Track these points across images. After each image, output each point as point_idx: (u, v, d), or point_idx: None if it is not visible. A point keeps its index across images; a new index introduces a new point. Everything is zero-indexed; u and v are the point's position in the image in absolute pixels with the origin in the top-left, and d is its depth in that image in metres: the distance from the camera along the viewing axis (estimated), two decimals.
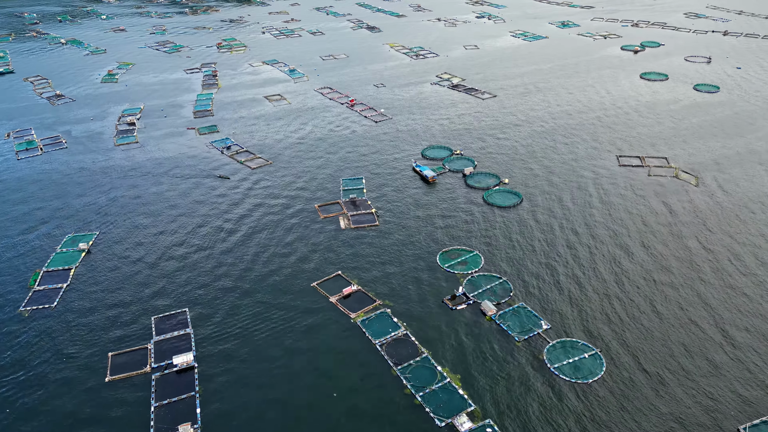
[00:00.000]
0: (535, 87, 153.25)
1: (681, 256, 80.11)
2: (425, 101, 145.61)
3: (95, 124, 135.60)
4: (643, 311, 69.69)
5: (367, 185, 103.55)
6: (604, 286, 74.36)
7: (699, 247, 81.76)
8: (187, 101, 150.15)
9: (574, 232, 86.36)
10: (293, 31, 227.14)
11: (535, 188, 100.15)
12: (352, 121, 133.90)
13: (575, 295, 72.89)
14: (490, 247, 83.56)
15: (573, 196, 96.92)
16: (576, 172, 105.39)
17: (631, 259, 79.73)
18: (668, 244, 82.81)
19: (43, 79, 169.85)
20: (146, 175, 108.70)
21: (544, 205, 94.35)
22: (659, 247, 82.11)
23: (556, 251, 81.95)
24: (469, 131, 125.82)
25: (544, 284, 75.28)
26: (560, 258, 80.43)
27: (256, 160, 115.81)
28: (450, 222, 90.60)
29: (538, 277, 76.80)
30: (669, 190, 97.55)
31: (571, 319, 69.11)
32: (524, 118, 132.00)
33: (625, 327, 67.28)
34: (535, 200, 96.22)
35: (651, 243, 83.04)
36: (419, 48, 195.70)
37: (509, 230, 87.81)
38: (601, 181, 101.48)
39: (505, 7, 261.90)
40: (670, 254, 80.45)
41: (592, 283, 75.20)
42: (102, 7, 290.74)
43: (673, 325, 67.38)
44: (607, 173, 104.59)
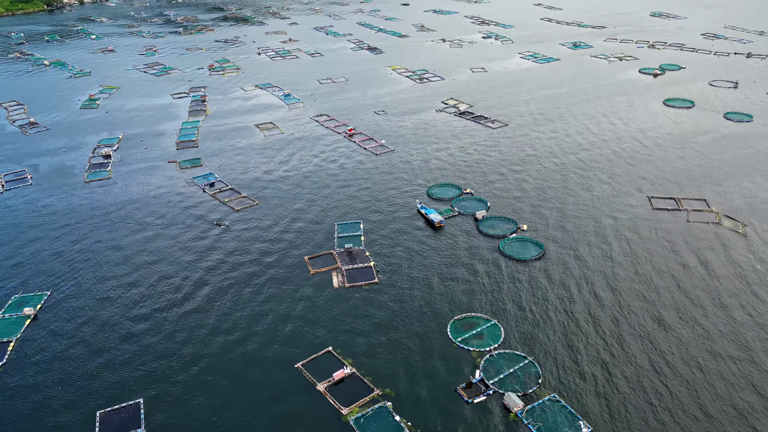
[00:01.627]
0: (549, 115, 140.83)
1: (732, 332, 66.59)
2: (430, 130, 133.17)
3: (67, 156, 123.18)
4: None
5: (366, 231, 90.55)
6: (664, 375, 60.78)
7: (750, 321, 68.25)
8: (170, 130, 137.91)
9: (617, 293, 72.90)
10: (290, 52, 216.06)
11: (558, 235, 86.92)
12: (350, 154, 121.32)
13: (622, 386, 59.22)
14: (511, 315, 70.13)
15: (607, 246, 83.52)
16: (605, 214, 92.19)
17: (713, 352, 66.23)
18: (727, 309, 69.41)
19: (19, 105, 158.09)
20: (114, 219, 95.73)
21: (573, 258, 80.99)
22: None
23: (596, 320, 68.50)
24: (479, 166, 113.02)
25: (582, 368, 61.71)
26: (603, 330, 66.94)
27: (242, 199, 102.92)
28: (461, 279, 77.24)
29: (574, 357, 63.23)
30: (713, 242, 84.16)
31: (619, 417, 55.43)
32: (540, 151, 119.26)
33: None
34: (560, 251, 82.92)
35: (720, 306, 69.65)
36: (423, 71, 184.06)
37: (533, 291, 74.40)
38: (639, 227, 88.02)
39: (513, 27, 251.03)
40: (720, 328, 66.98)
41: (651, 367, 61.65)
42: (93, 26, 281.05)
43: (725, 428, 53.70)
44: (642, 217, 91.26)
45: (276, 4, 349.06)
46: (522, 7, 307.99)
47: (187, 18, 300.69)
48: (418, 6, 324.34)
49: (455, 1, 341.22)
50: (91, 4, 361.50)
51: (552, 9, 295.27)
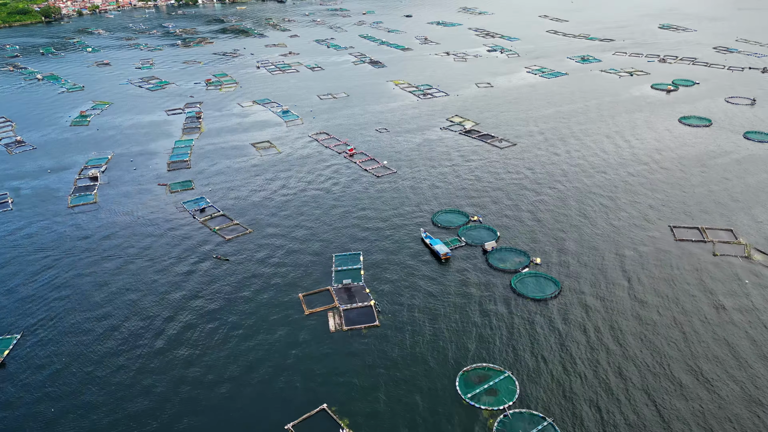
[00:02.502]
0: (559, 133, 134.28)
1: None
2: (435, 150, 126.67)
3: (52, 178, 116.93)
4: None
5: (366, 264, 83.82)
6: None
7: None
8: (162, 149, 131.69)
9: (644, 340, 65.81)
10: (290, 66, 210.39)
11: (575, 270, 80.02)
12: (351, 176, 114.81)
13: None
14: (527, 365, 63.14)
15: (629, 283, 76.50)
16: (625, 246, 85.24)
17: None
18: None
19: (7, 122, 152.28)
20: (96, 250, 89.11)
21: (592, 297, 74.00)
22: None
23: (622, 373, 61.38)
24: (487, 189, 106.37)
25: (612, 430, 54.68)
26: (630, 385, 59.77)
27: (234, 227, 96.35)
28: (470, 322, 70.32)
29: (599, 418, 56.12)
30: (744, 280, 77.07)
31: None
32: (551, 173, 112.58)
33: None
34: (578, 289, 75.97)
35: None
36: (426, 86, 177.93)
37: (551, 337, 67.44)
38: (662, 261, 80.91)
39: (518, 39, 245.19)
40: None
41: (687, 429, 54.58)
42: (90, 39, 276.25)
43: None
44: (664, 250, 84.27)
45: (276, 16, 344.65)
46: (527, 19, 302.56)
47: (186, 30, 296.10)
48: (422, 18, 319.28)
49: (459, 12, 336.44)
50: (90, 16, 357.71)
51: (558, 21, 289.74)
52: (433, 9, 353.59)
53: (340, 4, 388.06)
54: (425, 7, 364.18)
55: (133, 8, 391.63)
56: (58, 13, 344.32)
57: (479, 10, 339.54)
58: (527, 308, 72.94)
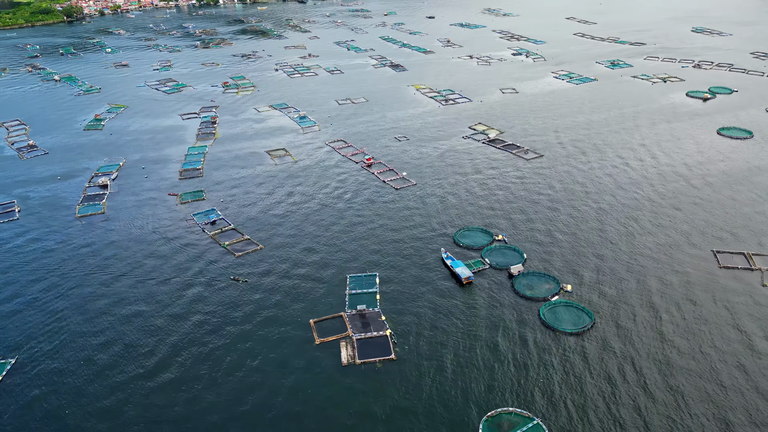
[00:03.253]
0: (589, 144, 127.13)
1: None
2: (456, 161, 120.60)
3: (61, 185, 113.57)
4: None
5: (382, 286, 78.34)
6: None
7: None
8: (175, 156, 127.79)
9: (690, 389, 59.20)
10: (309, 69, 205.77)
11: (609, 300, 73.50)
12: (368, 188, 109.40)
13: None
14: (559, 412, 56.98)
15: (670, 315, 69.71)
16: (665, 271, 78.31)
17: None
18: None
19: (21, 125, 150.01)
20: (99, 265, 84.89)
21: (629, 332, 67.39)
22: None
23: (668, 422, 54.93)
24: (512, 206, 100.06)
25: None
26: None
27: (244, 242, 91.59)
28: (495, 358, 64.34)
29: None
30: None
31: None
32: (581, 189, 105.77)
33: None
34: (614, 321, 69.48)
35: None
36: (449, 91, 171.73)
37: (584, 378, 61.15)
38: (706, 291, 73.91)
39: (544, 42, 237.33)
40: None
41: None
42: (110, 39, 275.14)
43: None
44: (708, 278, 77.19)
45: (297, 17, 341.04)
46: (553, 21, 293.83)
47: (206, 31, 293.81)
48: (444, 19, 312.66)
49: (483, 14, 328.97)
50: (111, 16, 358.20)
51: (585, 23, 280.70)
52: (456, 10, 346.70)
53: (361, 5, 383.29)
54: (448, 8, 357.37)
55: (155, 8, 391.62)
56: (80, 13, 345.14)
57: (503, 12, 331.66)
58: (558, 343, 66.72)
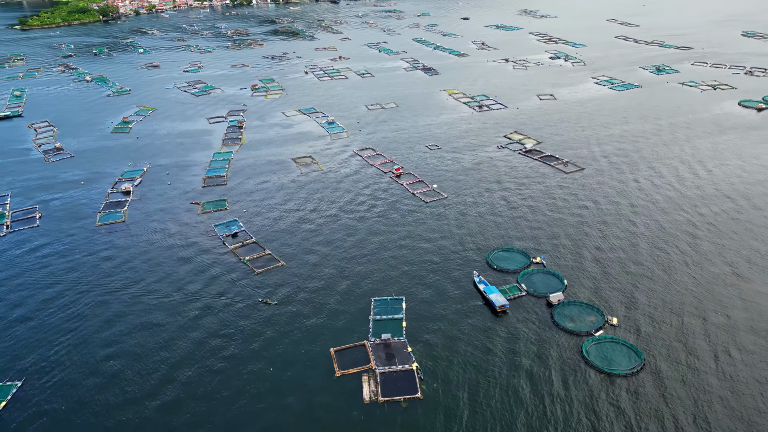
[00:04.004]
0: (631, 158, 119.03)
1: None
2: (490, 172, 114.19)
3: (84, 191, 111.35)
4: None
5: (409, 312, 72.89)
6: None
7: None
8: (200, 162, 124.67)
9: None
10: (339, 72, 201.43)
11: (661, 336, 66.36)
12: (396, 200, 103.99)
13: None
14: None
15: (730, 357, 62.51)
16: (720, 306, 70.69)
17: None
18: None
19: (49, 127, 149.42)
20: (115, 280, 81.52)
21: (685, 377, 60.27)
22: None
23: None
24: (551, 224, 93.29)
25: None
26: None
27: (265, 258, 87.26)
28: (531, 399, 58.20)
29: None
30: None
31: None
32: (626, 206, 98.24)
33: None
34: (667, 361, 62.46)
35: None
36: (483, 97, 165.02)
37: (634, 431, 54.60)
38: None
39: (584, 46, 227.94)
40: None
41: None
42: (144, 39, 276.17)
43: None
44: (759, 314, 69.68)
45: (329, 17, 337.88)
46: (593, 23, 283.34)
47: (238, 31, 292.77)
48: (479, 20, 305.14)
49: (519, 15, 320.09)
50: (147, 15, 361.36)
51: (628, 26, 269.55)
52: (491, 11, 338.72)
53: (394, 6, 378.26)
54: (483, 9, 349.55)
55: (189, 8, 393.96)
56: (116, 12, 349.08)
57: (541, 13, 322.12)
58: (604, 386, 60.10)
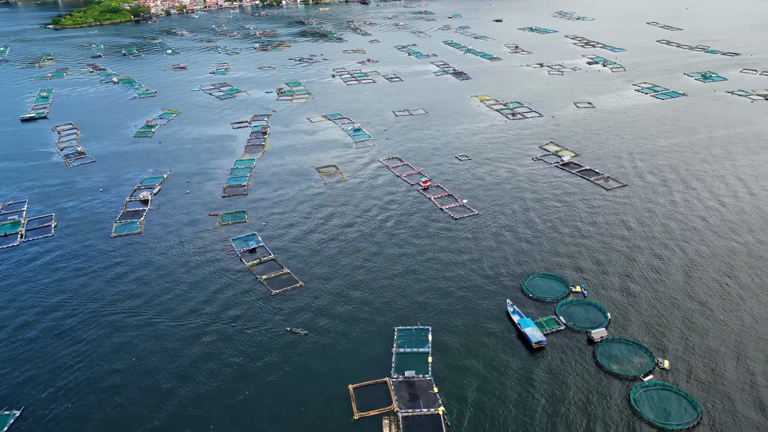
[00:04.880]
0: (678, 174, 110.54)
1: None
2: (526, 187, 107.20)
3: (102, 199, 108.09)
4: None
5: (435, 344, 66.93)
6: None
7: None
8: (222, 169, 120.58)
9: None
10: (367, 75, 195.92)
11: (720, 384, 59.01)
12: (424, 217, 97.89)
13: None
14: None
15: None
16: None
17: None
18: None
19: (73, 129, 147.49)
20: (124, 295, 77.54)
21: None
22: None
23: None
24: (592, 247, 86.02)
25: None
26: None
27: (283, 277, 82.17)
28: None
29: None
30: None
31: None
32: (676, 229, 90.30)
33: None
34: (728, 415, 55.15)
35: None
36: (516, 104, 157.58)
37: None
38: None
39: (624, 50, 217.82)
40: None
41: None
42: (172, 40, 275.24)
43: None
44: None
45: (358, 18, 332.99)
46: (633, 26, 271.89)
47: (266, 32, 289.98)
48: (512, 23, 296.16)
49: (554, 18, 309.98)
50: (177, 15, 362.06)
51: (669, 29, 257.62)
52: (525, 13, 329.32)
53: (425, 7, 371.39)
54: (516, 11, 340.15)
55: (219, 8, 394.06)
56: (147, 12, 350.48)
57: (577, 16, 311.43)
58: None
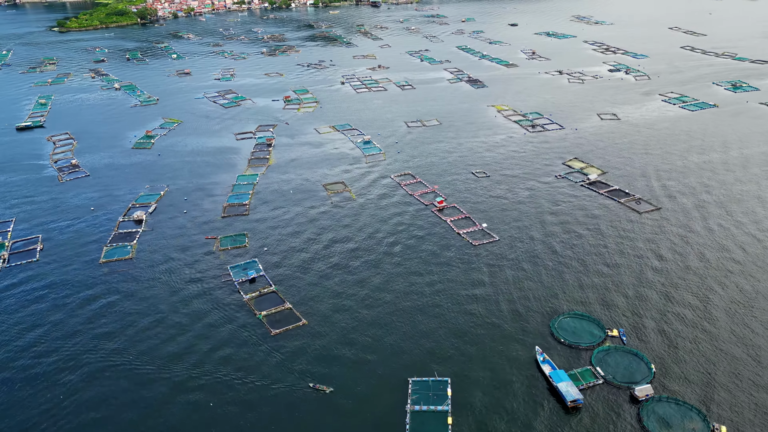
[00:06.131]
0: (720, 195, 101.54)
1: None
2: (551, 209, 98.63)
3: (93, 219, 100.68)
4: None
5: (455, 400, 58.71)
6: None
7: None
8: (222, 185, 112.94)
9: None
10: (377, 83, 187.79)
11: None
12: (439, 242, 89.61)
13: None
14: None
15: None
16: None
17: None
18: None
19: (69, 139, 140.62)
20: (108, 337, 69.88)
21: None
22: None
23: None
24: (627, 283, 77.29)
25: None
26: None
27: (285, 313, 74.35)
28: None
29: None
30: None
31: None
32: (720, 261, 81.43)
33: None
34: None
35: None
36: (536, 114, 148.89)
37: None
38: None
39: (647, 57, 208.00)
40: None
41: None
42: (179, 44, 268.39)
43: None
44: None
45: (369, 22, 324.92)
46: (654, 31, 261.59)
47: (274, 36, 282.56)
48: (528, 27, 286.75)
49: (572, 22, 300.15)
50: (185, 18, 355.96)
51: (694, 35, 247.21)
52: (540, 17, 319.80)
53: (437, 10, 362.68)
54: (532, 14, 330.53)
55: (228, 11, 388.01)
56: (154, 15, 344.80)
57: (595, 20, 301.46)
58: None
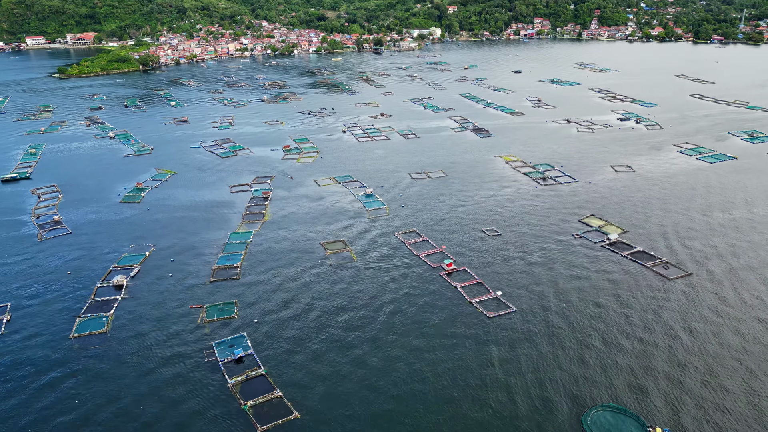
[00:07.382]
0: (747, 260, 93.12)
1: None
2: (569, 275, 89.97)
3: (69, 284, 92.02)
4: None
5: None
6: None
7: None
8: (213, 244, 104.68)
9: None
10: (380, 132, 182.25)
11: None
12: (450, 313, 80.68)
13: None
14: None
15: None
16: None
17: None
18: None
19: (55, 192, 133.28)
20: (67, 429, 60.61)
21: None
22: None
23: None
24: (664, 366, 67.92)
25: None
26: None
27: (274, 403, 64.87)
28: None
29: None
30: None
31: None
32: (756, 339, 72.25)
33: None
34: None
35: None
36: (547, 166, 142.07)
37: None
38: None
39: (656, 105, 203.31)
40: None
41: None
42: (179, 91, 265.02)
43: None
44: None
45: (371, 69, 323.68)
46: (660, 78, 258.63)
47: (276, 83, 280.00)
48: (532, 74, 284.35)
49: (576, 69, 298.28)
50: (187, 65, 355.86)
51: (701, 83, 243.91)
52: (544, 64, 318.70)
53: (439, 57, 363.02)
54: (535, 61, 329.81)
55: (230, 58, 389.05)
56: (156, 62, 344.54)
57: (599, 67, 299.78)
58: None
